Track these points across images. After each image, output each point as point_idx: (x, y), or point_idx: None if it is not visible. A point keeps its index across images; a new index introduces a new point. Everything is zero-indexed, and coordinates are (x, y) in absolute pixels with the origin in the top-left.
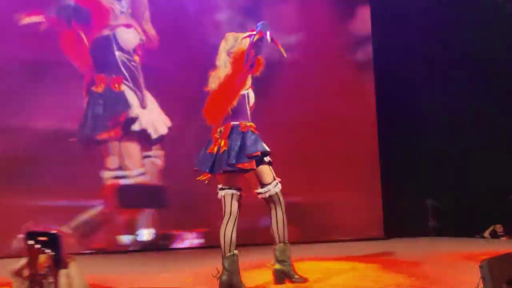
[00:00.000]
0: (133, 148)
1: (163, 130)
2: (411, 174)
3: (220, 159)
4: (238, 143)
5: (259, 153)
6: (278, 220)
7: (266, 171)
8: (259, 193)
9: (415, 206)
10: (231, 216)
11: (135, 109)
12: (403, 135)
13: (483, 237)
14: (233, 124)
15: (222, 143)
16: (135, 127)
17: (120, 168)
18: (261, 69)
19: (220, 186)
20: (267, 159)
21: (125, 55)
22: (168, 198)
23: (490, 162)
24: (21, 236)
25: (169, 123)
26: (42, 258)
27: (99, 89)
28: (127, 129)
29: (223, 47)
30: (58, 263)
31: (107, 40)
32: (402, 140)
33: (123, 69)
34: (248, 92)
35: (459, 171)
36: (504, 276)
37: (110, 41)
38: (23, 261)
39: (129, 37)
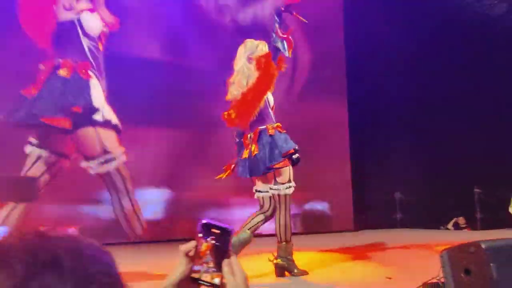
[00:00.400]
0: (93, 138)
1: None
2: (378, 170)
3: (255, 163)
4: (271, 145)
5: (292, 150)
6: (280, 222)
7: (285, 171)
8: (270, 188)
9: (382, 200)
10: (267, 213)
11: (100, 99)
12: (372, 132)
13: (447, 229)
14: (261, 128)
15: (253, 148)
16: (98, 117)
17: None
18: (285, 65)
19: (257, 189)
20: (294, 156)
21: (91, 42)
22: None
23: (454, 158)
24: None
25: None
26: (204, 246)
27: (66, 73)
28: (86, 119)
29: (242, 52)
30: (221, 253)
31: (72, 24)
32: (371, 137)
33: (89, 56)
34: (267, 95)
35: (425, 166)
36: (462, 265)
37: (75, 26)
38: (192, 243)
39: (94, 22)
